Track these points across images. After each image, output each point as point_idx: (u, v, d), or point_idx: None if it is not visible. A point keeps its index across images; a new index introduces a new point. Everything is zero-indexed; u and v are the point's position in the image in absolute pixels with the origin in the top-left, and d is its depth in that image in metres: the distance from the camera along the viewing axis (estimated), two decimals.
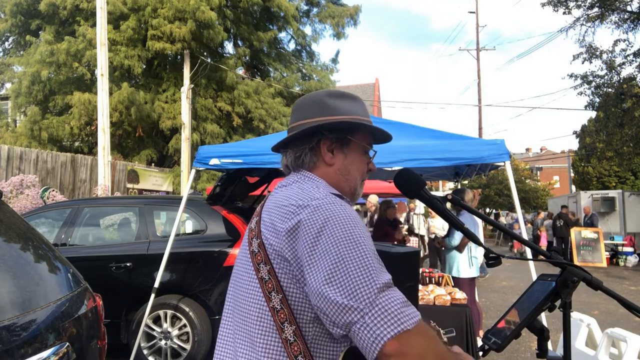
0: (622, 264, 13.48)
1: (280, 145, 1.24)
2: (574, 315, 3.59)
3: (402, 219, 9.31)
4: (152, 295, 4.15)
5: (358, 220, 1.03)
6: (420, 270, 4.37)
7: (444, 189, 28.50)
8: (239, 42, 16.08)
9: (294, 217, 1.02)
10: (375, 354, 0.87)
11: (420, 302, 3.73)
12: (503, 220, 25.32)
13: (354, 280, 0.91)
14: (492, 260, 1.19)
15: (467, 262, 4.80)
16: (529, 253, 4.40)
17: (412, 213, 11.96)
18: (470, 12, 24.06)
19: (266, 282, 1.03)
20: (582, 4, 13.98)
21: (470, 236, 1.20)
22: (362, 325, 0.89)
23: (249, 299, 1.07)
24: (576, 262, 12.79)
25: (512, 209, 25.04)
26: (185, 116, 12.83)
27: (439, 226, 9.16)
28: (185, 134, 12.88)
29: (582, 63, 14.42)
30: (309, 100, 1.24)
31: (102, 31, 9.18)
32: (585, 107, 14.96)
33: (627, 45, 13.93)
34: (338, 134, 1.18)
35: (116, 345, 4.22)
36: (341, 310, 0.90)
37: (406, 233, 8.46)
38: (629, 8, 13.79)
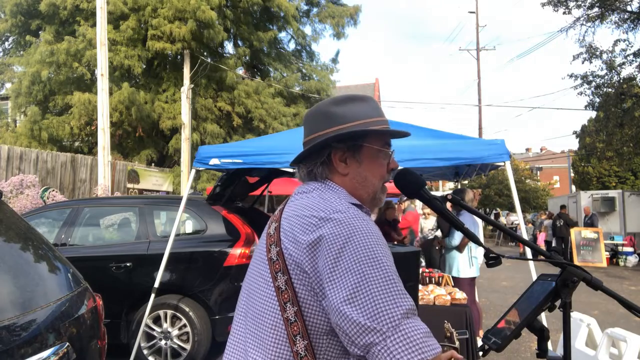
0: (622, 264, 13.48)
1: (295, 162, 1.24)
2: (574, 315, 3.59)
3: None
4: (152, 295, 4.15)
5: (380, 236, 1.02)
6: (420, 270, 4.36)
7: (444, 189, 28.49)
8: (239, 42, 16.08)
9: (316, 230, 1.00)
10: None
11: (420, 302, 3.72)
12: (503, 220, 25.32)
13: (377, 302, 0.91)
14: (492, 260, 1.19)
15: (467, 262, 4.80)
16: (529, 253, 4.40)
17: None
18: (470, 12, 24.07)
19: (282, 292, 1.02)
20: (582, 4, 13.98)
21: (470, 236, 1.20)
22: (382, 347, 0.88)
23: (263, 306, 1.06)
24: (576, 262, 12.79)
25: (512, 209, 25.04)
26: (185, 116, 12.83)
27: (431, 227, 9.10)
28: (185, 134, 12.88)
29: (582, 63, 14.42)
30: (316, 112, 1.22)
31: (102, 31, 9.18)
32: (585, 107, 14.96)
33: (627, 45, 13.94)
34: (348, 142, 1.15)
35: (116, 345, 4.21)
36: (362, 331, 0.90)
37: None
38: (629, 8, 13.79)
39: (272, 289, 1.04)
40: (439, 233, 9.17)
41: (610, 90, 13.98)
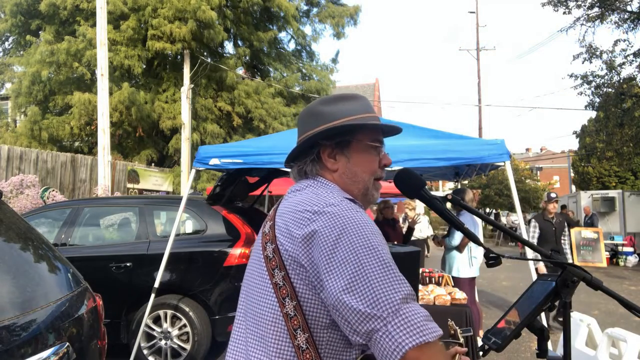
0: (622, 264, 13.48)
1: (287, 162, 1.26)
2: (574, 315, 3.59)
3: (400, 219, 9.28)
4: (152, 295, 4.15)
5: (374, 227, 1.02)
6: (420, 270, 4.36)
7: (444, 189, 28.50)
8: (239, 42, 16.08)
9: (310, 223, 1.01)
10: None
11: (420, 302, 3.72)
12: (503, 220, 25.30)
13: (376, 289, 0.91)
14: (492, 260, 1.19)
15: (467, 262, 4.80)
16: (529, 253, 4.40)
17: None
18: (471, 12, 24.07)
19: (280, 287, 1.03)
20: (582, 4, 13.98)
21: (470, 236, 1.20)
22: (384, 333, 0.89)
23: (262, 304, 1.06)
24: (576, 262, 12.79)
25: (512, 209, 25.03)
26: (185, 116, 12.83)
27: (417, 228, 9.08)
28: (185, 134, 12.88)
29: (582, 63, 14.42)
30: (306, 113, 1.24)
31: (102, 31, 9.18)
32: (585, 107, 14.95)
33: (627, 45, 13.93)
34: (334, 139, 1.17)
35: (116, 345, 4.22)
36: (363, 319, 0.90)
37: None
38: (629, 8, 13.79)
39: (270, 286, 1.05)
40: (428, 232, 9.17)
41: (610, 90, 13.97)
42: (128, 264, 4.44)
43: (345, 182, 1.18)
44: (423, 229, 9.19)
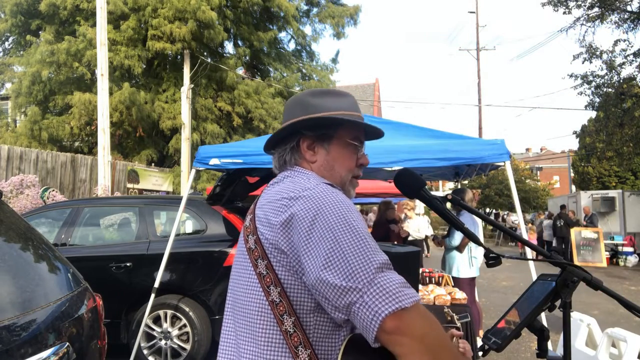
0: (622, 264, 13.48)
1: (267, 147, 1.27)
2: (574, 315, 3.59)
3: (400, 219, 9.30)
4: (152, 295, 4.15)
5: (350, 204, 1.03)
6: (420, 270, 4.36)
7: (444, 189, 28.52)
8: (239, 42, 16.09)
9: (287, 209, 1.02)
10: (375, 331, 0.87)
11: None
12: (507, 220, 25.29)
13: (352, 262, 0.92)
14: (492, 260, 1.19)
15: (467, 262, 4.80)
16: (529, 253, 4.40)
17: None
18: (470, 12, 24.07)
19: (264, 276, 1.04)
20: (582, 4, 13.97)
21: (470, 236, 1.20)
22: (361, 304, 0.89)
23: (248, 295, 1.07)
24: (576, 262, 12.79)
25: (512, 209, 25.02)
26: (185, 116, 12.83)
27: (414, 228, 9.08)
28: (185, 134, 12.88)
29: (582, 63, 14.41)
30: (293, 101, 1.26)
31: (102, 31, 9.18)
32: (585, 107, 14.95)
33: (627, 45, 13.92)
34: (317, 131, 1.18)
35: (116, 345, 4.21)
36: (341, 293, 0.91)
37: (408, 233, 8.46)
38: (629, 8, 13.78)
39: (254, 276, 1.06)
40: (428, 232, 9.17)
41: (610, 90, 13.97)
42: (128, 264, 4.44)
43: (323, 174, 1.19)
44: (422, 229, 9.18)
